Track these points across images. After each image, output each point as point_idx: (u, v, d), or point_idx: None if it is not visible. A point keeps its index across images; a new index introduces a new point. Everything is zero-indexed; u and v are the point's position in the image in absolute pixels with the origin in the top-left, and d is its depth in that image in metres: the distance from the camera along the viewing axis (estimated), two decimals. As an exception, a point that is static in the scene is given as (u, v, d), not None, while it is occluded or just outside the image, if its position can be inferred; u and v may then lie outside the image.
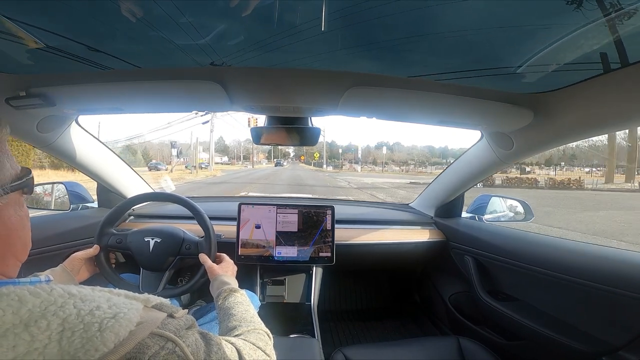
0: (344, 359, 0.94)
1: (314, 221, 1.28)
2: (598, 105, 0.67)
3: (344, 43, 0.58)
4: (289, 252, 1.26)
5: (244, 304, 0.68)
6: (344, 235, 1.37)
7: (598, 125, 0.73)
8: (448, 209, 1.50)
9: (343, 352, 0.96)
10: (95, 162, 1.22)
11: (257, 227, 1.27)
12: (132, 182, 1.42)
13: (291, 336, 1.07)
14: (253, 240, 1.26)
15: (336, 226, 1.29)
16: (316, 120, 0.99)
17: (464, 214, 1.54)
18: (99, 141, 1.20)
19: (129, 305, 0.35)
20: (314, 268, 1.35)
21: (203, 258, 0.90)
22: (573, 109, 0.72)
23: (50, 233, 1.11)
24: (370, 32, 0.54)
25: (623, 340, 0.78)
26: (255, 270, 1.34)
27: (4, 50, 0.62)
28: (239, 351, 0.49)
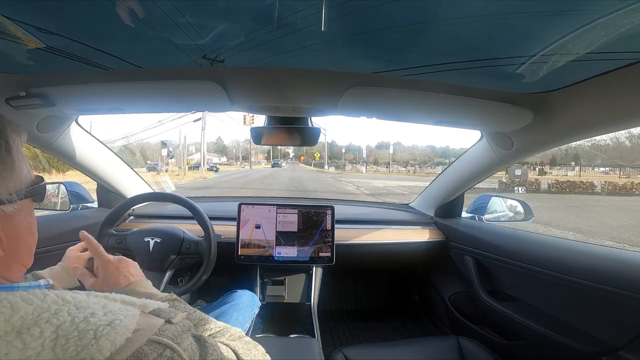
0: (344, 359, 0.94)
1: (314, 221, 1.28)
2: (598, 105, 0.67)
3: (344, 43, 0.58)
4: (289, 252, 1.26)
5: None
6: (344, 235, 1.37)
7: (598, 125, 0.73)
8: (448, 209, 1.50)
9: (343, 352, 0.96)
10: (95, 162, 1.22)
11: (257, 227, 1.27)
12: (132, 182, 1.42)
13: (291, 336, 1.07)
14: (253, 240, 1.26)
15: (336, 226, 1.29)
16: (317, 119, 0.99)
17: (464, 214, 1.54)
18: (99, 141, 1.20)
19: (125, 311, 0.35)
20: (314, 268, 1.35)
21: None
22: (573, 109, 0.72)
23: (50, 233, 1.11)
24: (370, 32, 0.54)
25: (623, 340, 0.78)
26: (255, 270, 1.34)
27: (4, 50, 0.62)
28: (235, 351, 0.48)
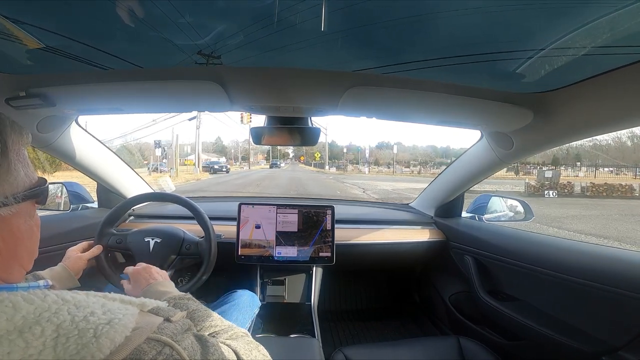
0: (344, 359, 0.94)
1: (314, 221, 1.28)
2: (598, 105, 0.67)
3: (344, 43, 0.58)
4: (289, 252, 1.26)
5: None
6: (344, 235, 1.37)
7: (598, 124, 0.73)
8: (448, 209, 1.50)
9: (343, 352, 0.96)
10: (95, 162, 1.22)
11: (257, 227, 1.27)
12: (132, 182, 1.42)
13: (291, 336, 1.07)
14: (253, 240, 1.26)
15: (336, 226, 1.29)
16: (317, 119, 0.99)
17: (464, 214, 1.54)
18: (99, 141, 1.20)
19: (124, 310, 0.35)
20: (314, 268, 1.35)
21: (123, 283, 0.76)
22: (573, 109, 0.72)
23: (50, 233, 1.11)
24: (370, 32, 0.54)
25: (623, 340, 0.78)
26: (255, 270, 1.34)
27: (4, 50, 0.62)
28: (236, 351, 0.48)
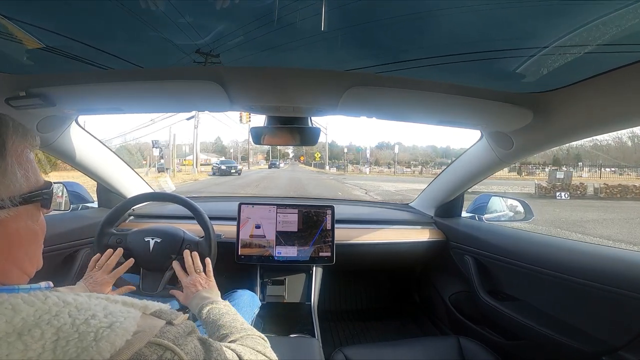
0: (344, 359, 0.94)
1: (314, 221, 1.28)
2: (598, 105, 0.67)
3: (344, 42, 0.58)
4: (289, 252, 1.26)
5: (230, 314, 0.66)
6: (344, 235, 1.37)
7: (598, 125, 0.73)
8: (448, 209, 1.50)
9: (343, 352, 0.96)
10: (95, 162, 1.22)
11: (257, 227, 1.27)
12: (132, 182, 1.42)
13: (291, 336, 1.07)
14: (253, 240, 1.26)
15: (336, 226, 1.29)
16: (317, 119, 0.99)
17: (464, 214, 1.54)
18: (99, 141, 1.20)
19: (126, 313, 0.34)
20: (314, 268, 1.35)
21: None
22: (573, 109, 0.72)
23: (50, 233, 1.10)
24: (370, 32, 0.54)
25: (623, 340, 0.78)
26: (255, 270, 1.34)
27: (4, 50, 0.62)
28: (240, 356, 0.48)
